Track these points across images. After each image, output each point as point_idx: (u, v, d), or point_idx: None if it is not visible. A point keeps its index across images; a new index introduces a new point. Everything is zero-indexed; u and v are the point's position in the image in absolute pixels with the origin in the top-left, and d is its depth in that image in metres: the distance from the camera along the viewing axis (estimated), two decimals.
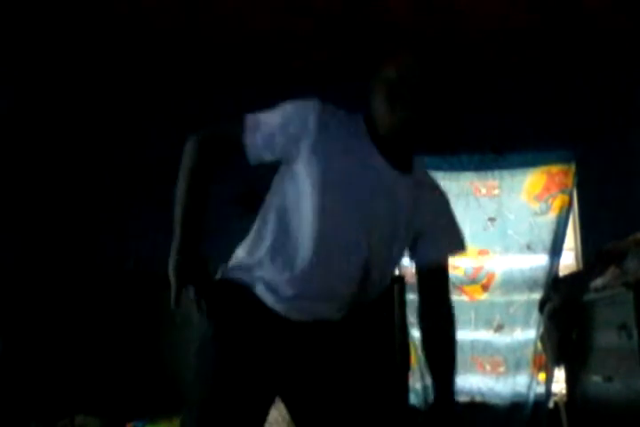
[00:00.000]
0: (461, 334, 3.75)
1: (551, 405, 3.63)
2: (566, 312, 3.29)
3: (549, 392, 3.66)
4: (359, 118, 1.54)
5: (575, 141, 3.89)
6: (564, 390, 3.53)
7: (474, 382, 3.78)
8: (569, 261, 3.96)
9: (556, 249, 3.83)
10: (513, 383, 3.74)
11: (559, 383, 3.64)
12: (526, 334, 3.77)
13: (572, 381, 3.38)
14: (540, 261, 3.84)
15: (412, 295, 3.76)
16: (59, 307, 3.44)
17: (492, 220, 3.94)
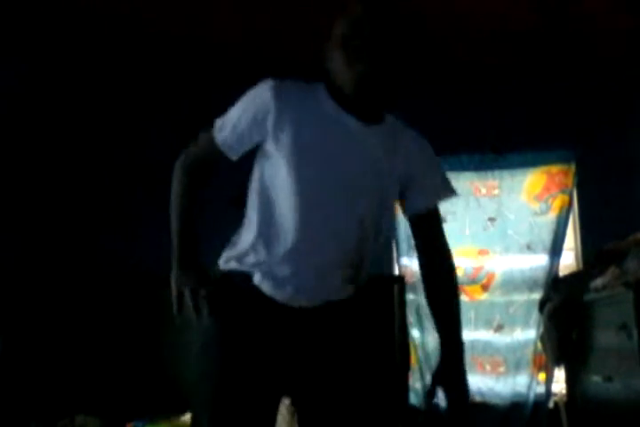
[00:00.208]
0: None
1: (551, 405, 3.62)
2: (566, 312, 3.29)
3: (549, 392, 3.66)
4: (319, 85, 1.55)
5: (575, 141, 3.89)
6: (564, 390, 3.54)
7: (474, 382, 3.77)
8: (569, 261, 3.95)
9: (556, 249, 3.83)
10: (513, 383, 3.75)
11: (559, 383, 3.64)
12: (526, 334, 3.77)
13: (571, 381, 3.39)
14: (540, 261, 3.84)
15: (411, 295, 3.77)
16: (59, 307, 3.44)
17: (491, 220, 3.94)
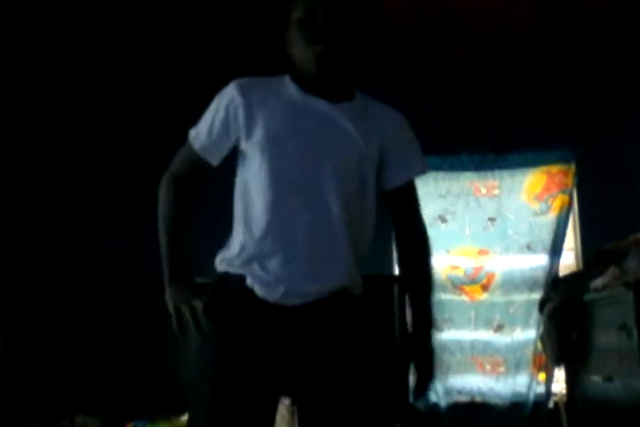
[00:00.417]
0: (461, 334, 3.83)
1: (551, 405, 3.63)
2: (566, 312, 3.29)
3: (549, 392, 3.67)
4: (284, 76, 1.56)
5: (575, 141, 3.90)
6: (564, 390, 3.54)
7: (474, 382, 3.78)
8: (569, 261, 3.96)
9: (556, 249, 3.83)
10: (513, 383, 3.74)
11: (559, 383, 3.65)
12: (526, 334, 3.77)
13: (571, 381, 3.39)
14: (540, 261, 3.84)
15: None
16: (59, 307, 3.44)
17: (491, 220, 3.94)
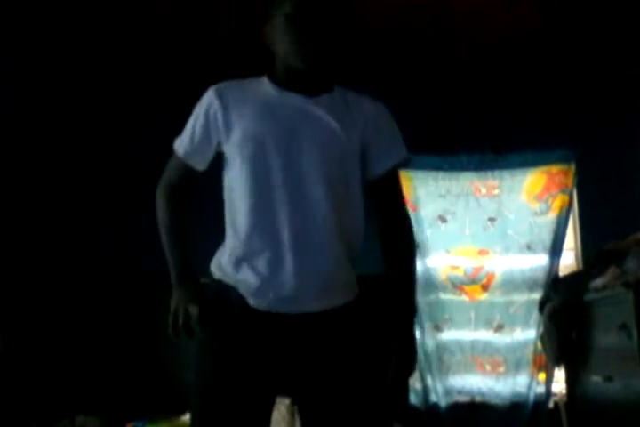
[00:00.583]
0: (461, 334, 3.83)
1: (551, 405, 3.63)
2: (566, 312, 3.29)
3: (549, 392, 3.66)
4: (261, 77, 1.58)
5: (575, 141, 3.89)
6: (564, 390, 3.54)
7: (474, 382, 3.78)
8: (569, 261, 3.96)
9: (555, 249, 3.82)
10: (513, 383, 3.74)
11: (559, 383, 3.64)
12: (526, 334, 3.77)
13: (571, 381, 3.39)
14: (540, 261, 3.83)
15: None
16: (59, 307, 3.44)
17: (491, 220, 3.93)
